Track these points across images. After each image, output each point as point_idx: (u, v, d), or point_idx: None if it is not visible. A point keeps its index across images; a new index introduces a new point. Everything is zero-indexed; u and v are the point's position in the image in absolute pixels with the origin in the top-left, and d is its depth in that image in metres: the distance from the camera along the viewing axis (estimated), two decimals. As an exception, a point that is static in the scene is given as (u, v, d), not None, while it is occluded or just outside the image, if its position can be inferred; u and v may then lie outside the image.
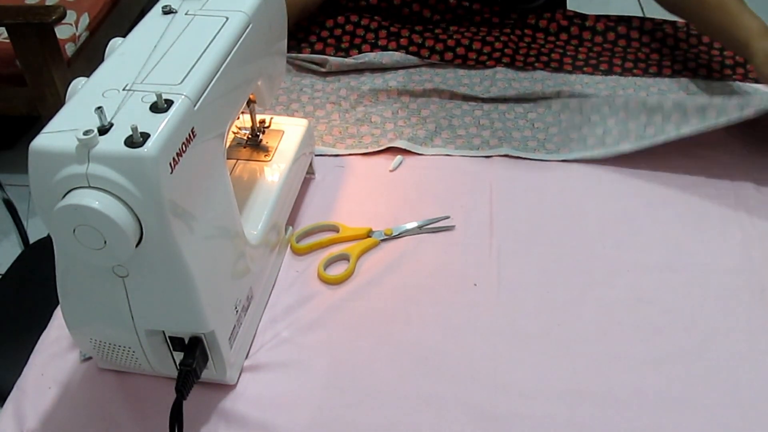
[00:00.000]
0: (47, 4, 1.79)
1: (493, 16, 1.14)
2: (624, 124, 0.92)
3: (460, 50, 1.08)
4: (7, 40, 1.57)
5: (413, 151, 0.93)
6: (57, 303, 0.63)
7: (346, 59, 1.07)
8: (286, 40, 0.83)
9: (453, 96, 1.03)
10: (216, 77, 0.61)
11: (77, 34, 1.77)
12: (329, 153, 0.94)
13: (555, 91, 1.01)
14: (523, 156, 0.92)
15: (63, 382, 0.69)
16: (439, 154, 0.93)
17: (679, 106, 0.87)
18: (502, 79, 1.05)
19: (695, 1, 0.99)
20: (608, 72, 1.06)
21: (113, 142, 0.52)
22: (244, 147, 0.85)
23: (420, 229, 0.83)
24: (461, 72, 1.07)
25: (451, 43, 1.08)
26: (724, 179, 0.88)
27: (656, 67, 1.06)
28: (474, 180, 0.90)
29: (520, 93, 1.01)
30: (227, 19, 0.67)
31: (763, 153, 0.92)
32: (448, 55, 1.08)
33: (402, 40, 1.09)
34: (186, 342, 0.62)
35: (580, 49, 1.10)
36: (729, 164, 0.90)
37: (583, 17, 1.14)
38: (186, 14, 0.67)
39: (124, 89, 0.58)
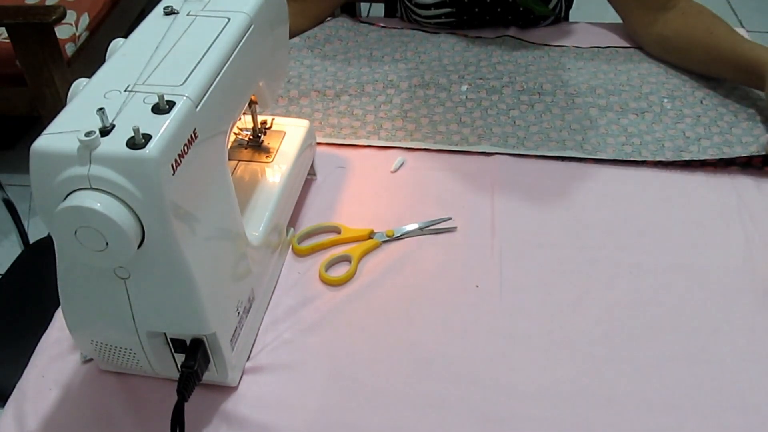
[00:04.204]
0: (47, 4, 1.79)
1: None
2: (603, 138, 0.95)
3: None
4: (7, 40, 1.57)
5: (390, 146, 0.95)
6: (57, 304, 0.63)
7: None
8: (287, 41, 0.83)
9: (438, 91, 1.04)
10: (218, 78, 0.61)
11: (77, 34, 1.77)
12: None
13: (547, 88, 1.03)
14: (501, 152, 0.93)
15: (64, 384, 0.69)
16: (418, 148, 0.94)
17: (658, 141, 0.93)
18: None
19: (702, 29, 1.02)
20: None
21: (115, 144, 0.52)
22: (246, 148, 0.84)
23: (421, 231, 0.83)
24: (446, 62, 1.09)
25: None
26: (726, 179, 0.88)
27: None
28: (476, 181, 0.89)
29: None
30: (229, 20, 0.66)
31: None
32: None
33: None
34: (187, 344, 0.62)
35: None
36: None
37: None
38: (187, 15, 0.67)
39: (125, 90, 0.57)
